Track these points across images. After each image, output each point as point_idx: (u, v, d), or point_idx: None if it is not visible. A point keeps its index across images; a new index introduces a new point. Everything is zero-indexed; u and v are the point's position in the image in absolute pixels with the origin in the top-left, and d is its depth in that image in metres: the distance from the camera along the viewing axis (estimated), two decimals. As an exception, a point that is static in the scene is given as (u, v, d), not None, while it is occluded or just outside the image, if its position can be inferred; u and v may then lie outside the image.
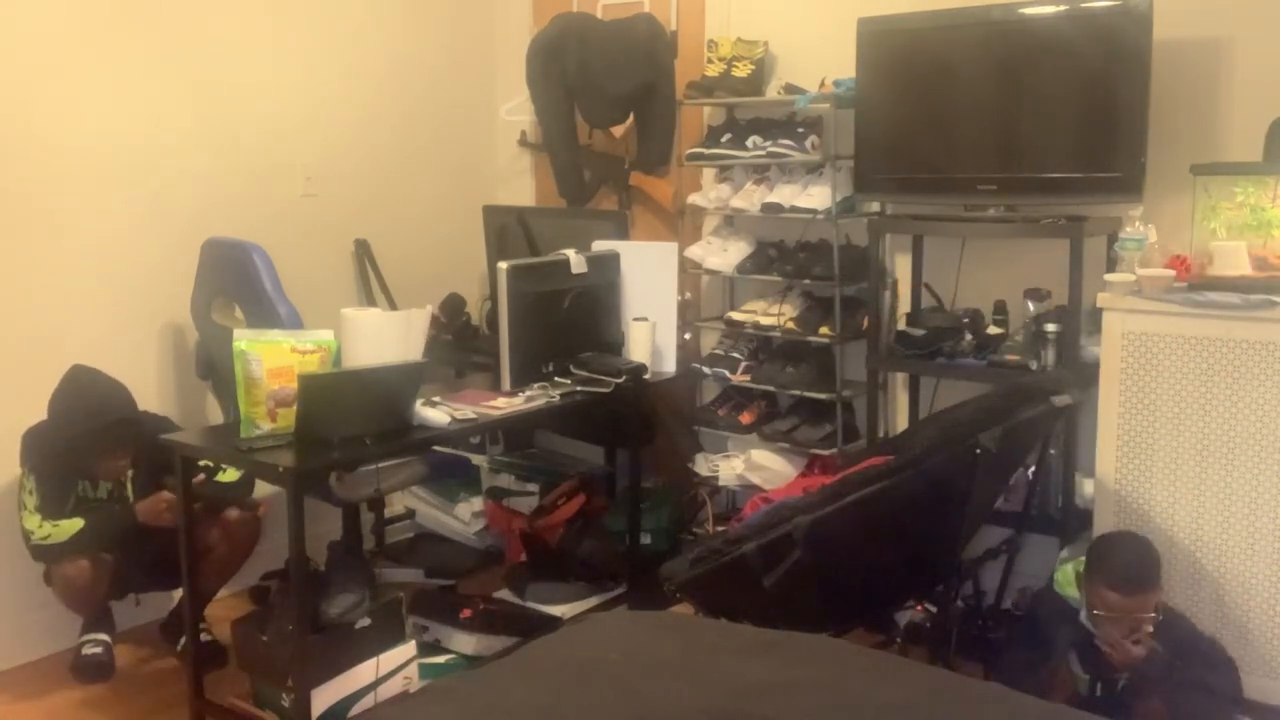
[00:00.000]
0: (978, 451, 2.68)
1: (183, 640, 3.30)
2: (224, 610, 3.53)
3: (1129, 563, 2.79)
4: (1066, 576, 2.97)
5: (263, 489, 3.45)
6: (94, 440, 3.24)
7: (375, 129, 4.37)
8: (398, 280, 4.34)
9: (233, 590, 3.72)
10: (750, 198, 3.86)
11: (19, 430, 3.28)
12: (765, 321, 3.88)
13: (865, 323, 3.67)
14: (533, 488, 4.15)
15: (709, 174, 4.16)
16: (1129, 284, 3.10)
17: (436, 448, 3.73)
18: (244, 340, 2.93)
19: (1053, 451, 3.28)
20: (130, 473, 3.38)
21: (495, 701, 2.01)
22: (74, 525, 3.22)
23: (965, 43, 3.45)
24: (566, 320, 3.55)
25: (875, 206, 3.77)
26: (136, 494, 3.37)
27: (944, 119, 3.53)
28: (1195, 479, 3.04)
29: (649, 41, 4.19)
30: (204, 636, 3.37)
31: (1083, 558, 2.94)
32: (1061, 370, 3.24)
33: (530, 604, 3.67)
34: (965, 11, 3.43)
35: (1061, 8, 3.28)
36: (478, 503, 4.23)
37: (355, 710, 2.99)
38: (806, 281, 3.82)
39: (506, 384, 3.40)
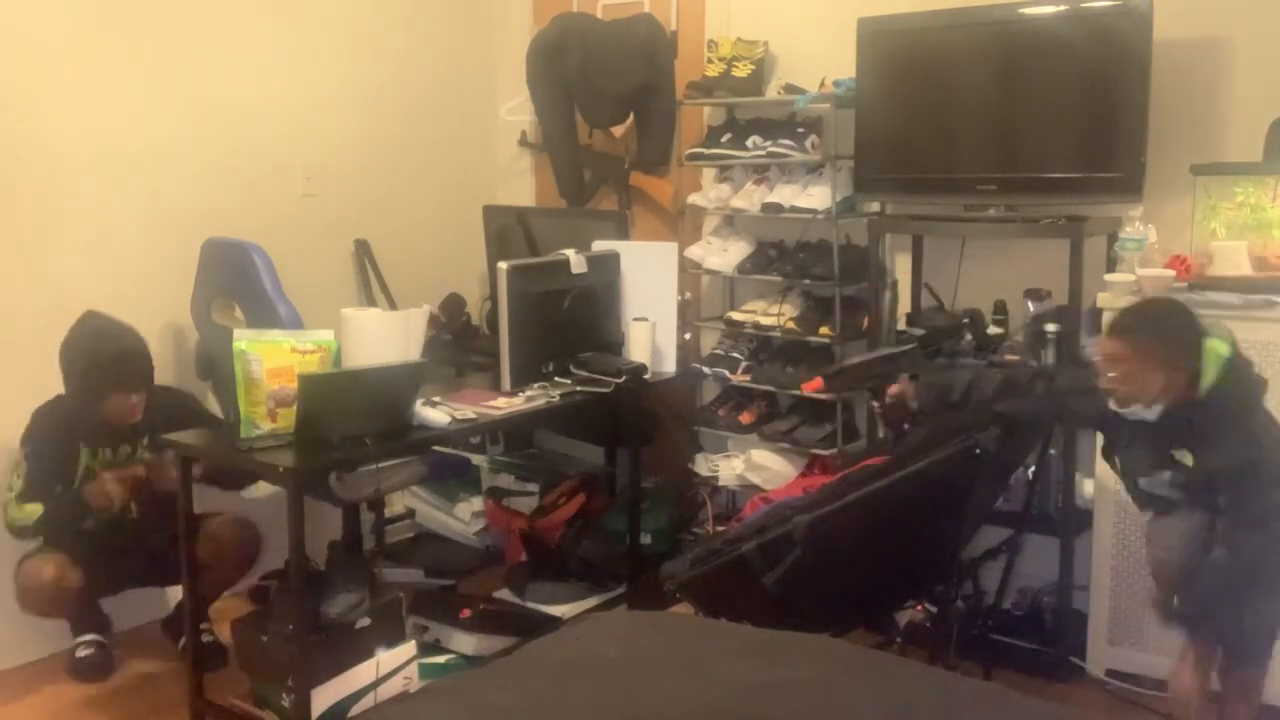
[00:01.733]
0: (978, 452, 2.68)
1: (183, 639, 3.30)
2: (224, 610, 3.52)
3: (1132, 308, 2.65)
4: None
5: (263, 488, 3.45)
6: (106, 373, 3.19)
7: (375, 129, 4.37)
8: (398, 280, 4.34)
9: (233, 590, 3.72)
10: (750, 198, 3.86)
11: (18, 432, 3.28)
12: (765, 321, 3.88)
13: (865, 323, 3.67)
14: (533, 488, 4.15)
15: (709, 174, 4.16)
16: (1129, 284, 3.10)
17: (436, 448, 3.73)
18: (244, 340, 2.93)
19: (1053, 451, 3.28)
20: (145, 440, 3.34)
21: (495, 701, 2.01)
22: (36, 510, 3.21)
23: (965, 43, 3.45)
24: (566, 320, 3.55)
25: (875, 206, 3.77)
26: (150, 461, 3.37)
27: (944, 119, 3.53)
28: (1195, 479, 3.03)
29: (649, 42, 4.19)
30: (205, 637, 3.37)
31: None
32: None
33: (530, 604, 3.67)
34: (965, 11, 3.43)
35: (1062, 8, 3.28)
36: (478, 503, 4.23)
37: (355, 710, 2.99)
38: (806, 281, 3.82)
39: (506, 384, 3.40)
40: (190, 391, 3.57)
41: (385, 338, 3.12)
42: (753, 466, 3.88)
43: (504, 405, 3.28)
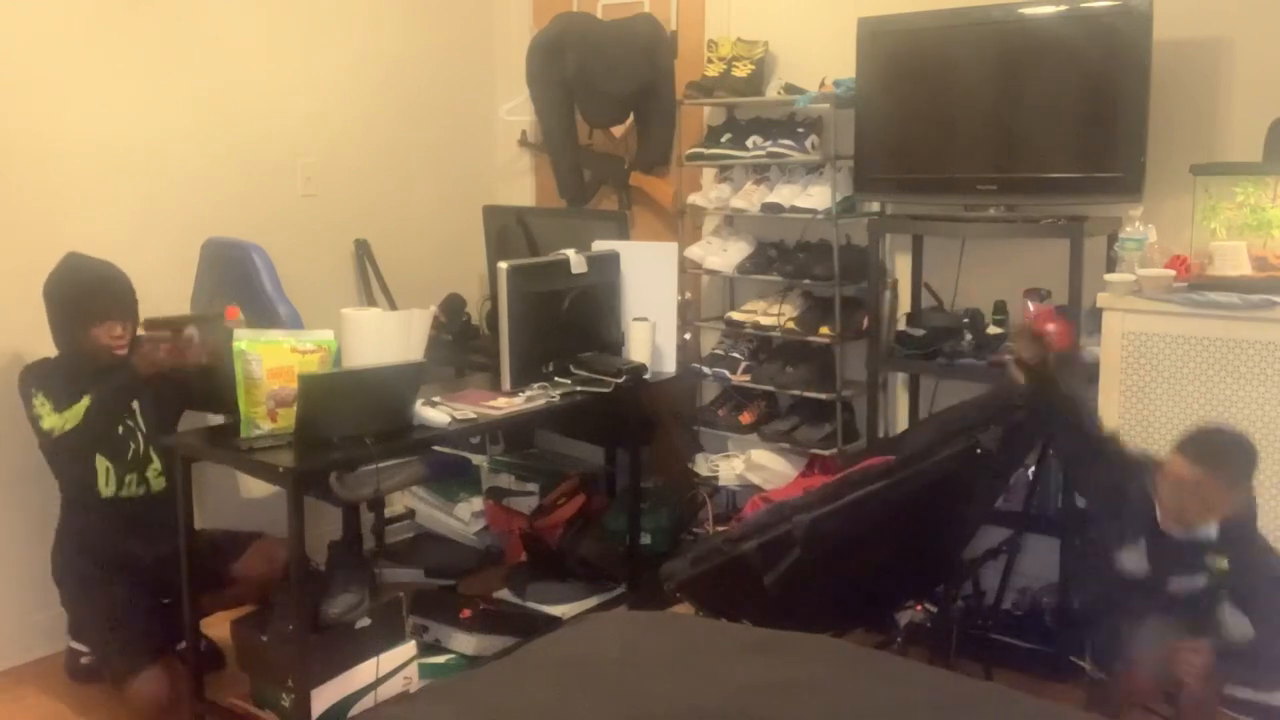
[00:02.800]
0: (978, 452, 2.68)
1: (181, 643, 3.29)
2: (224, 610, 3.52)
3: (1210, 436, 2.71)
4: None
5: (263, 488, 3.44)
6: (84, 301, 3.12)
7: (375, 129, 4.37)
8: (398, 280, 4.34)
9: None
10: (750, 198, 3.86)
11: (20, 437, 3.27)
12: (765, 321, 3.88)
13: (865, 323, 3.67)
14: (533, 488, 4.15)
15: (709, 174, 4.16)
16: (1129, 284, 3.10)
17: (436, 448, 3.72)
18: (244, 340, 2.93)
19: (1053, 451, 3.28)
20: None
21: (495, 701, 2.01)
22: (81, 406, 3.06)
23: (965, 43, 3.45)
24: (566, 320, 3.55)
25: (875, 206, 3.77)
26: (146, 413, 3.24)
27: (944, 119, 3.53)
28: (1195, 479, 3.03)
29: (649, 41, 4.19)
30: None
31: None
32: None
33: (530, 604, 3.67)
34: (965, 11, 3.43)
35: (1062, 8, 3.28)
36: (478, 503, 4.23)
37: (355, 710, 2.99)
38: (806, 281, 3.82)
39: (506, 384, 3.40)
40: None
41: (385, 338, 3.12)
42: (753, 466, 3.88)
43: (504, 405, 3.28)
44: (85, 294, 3.14)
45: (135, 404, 3.23)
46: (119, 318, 3.16)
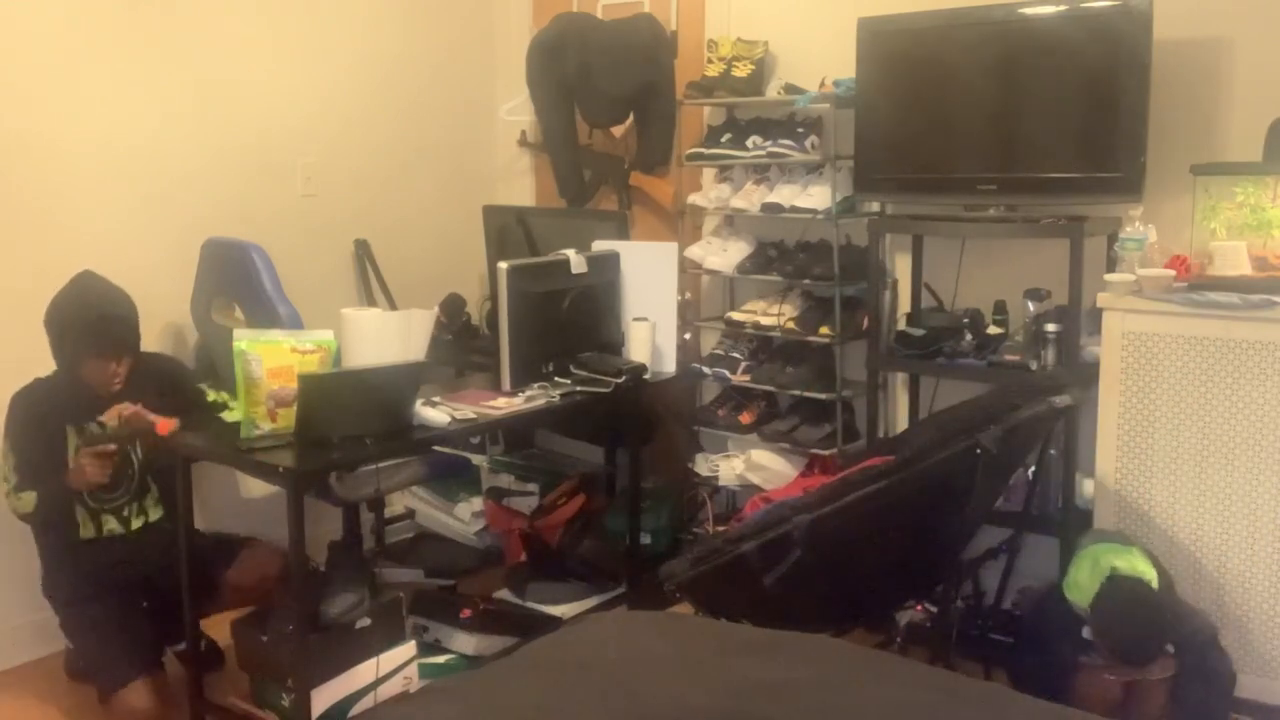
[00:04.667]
0: (978, 452, 2.68)
1: (181, 645, 3.30)
2: (219, 613, 3.51)
3: (1132, 641, 2.79)
4: (1079, 582, 2.92)
5: (263, 488, 3.45)
6: (83, 337, 3.08)
7: (375, 129, 4.38)
8: (398, 280, 4.34)
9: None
10: (750, 198, 3.86)
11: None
12: (765, 321, 3.88)
13: (865, 323, 3.67)
14: (533, 488, 4.15)
15: (709, 174, 4.17)
16: (1129, 284, 3.10)
17: (436, 448, 3.73)
18: (244, 340, 2.93)
19: (1053, 451, 3.28)
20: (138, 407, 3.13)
21: (495, 701, 2.01)
22: (30, 498, 3.09)
23: (965, 43, 3.45)
24: (566, 320, 3.54)
25: (875, 206, 3.77)
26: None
27: (944, 119, 3.53)
28: (1195, 479, 3.04)
29: (649, 41, 4.19)
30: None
31: (1099, 547, 2.94)
32: (1061, 370, 3.24)
33: (530, 604, 3.67)
34: (965, 11, 3.43)
35: (1062, 8, 3.28)
36: (478, 503, 4.23)
37: (355, 710, 2.99)
38: (806, 281, 3.82)
39: (506, 384, 3.40)
40: (179, 359, 3.51)
41: (385, 338, 3.12)
42: (753, 466, 3.88)
43: (504, 405, 3.28)
44: (85, 327, 3.09)
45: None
46: (114, 357, 3.12)
